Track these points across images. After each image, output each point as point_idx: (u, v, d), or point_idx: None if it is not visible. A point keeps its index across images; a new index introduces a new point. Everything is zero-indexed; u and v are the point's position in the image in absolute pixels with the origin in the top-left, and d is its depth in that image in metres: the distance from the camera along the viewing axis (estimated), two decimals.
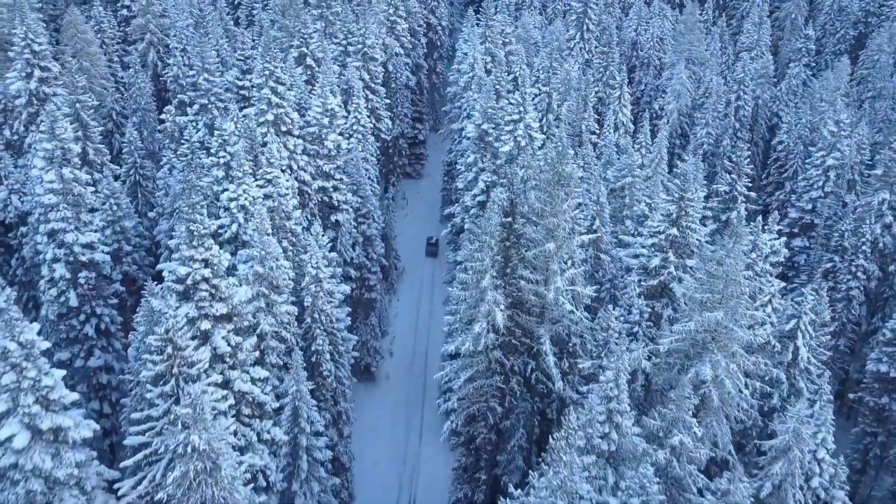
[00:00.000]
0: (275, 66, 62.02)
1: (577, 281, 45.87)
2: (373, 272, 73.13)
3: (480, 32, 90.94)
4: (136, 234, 63.34)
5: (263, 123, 62.34)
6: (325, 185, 66.44)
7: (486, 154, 66.34)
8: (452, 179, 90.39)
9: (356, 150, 72.81)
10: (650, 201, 55.75)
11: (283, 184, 53.49)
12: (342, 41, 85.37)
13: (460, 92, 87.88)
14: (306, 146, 65.53)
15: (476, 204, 65.24)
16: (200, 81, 67.87)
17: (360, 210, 71.10)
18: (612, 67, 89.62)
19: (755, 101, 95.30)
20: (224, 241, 50.80)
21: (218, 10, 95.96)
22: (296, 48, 77.83)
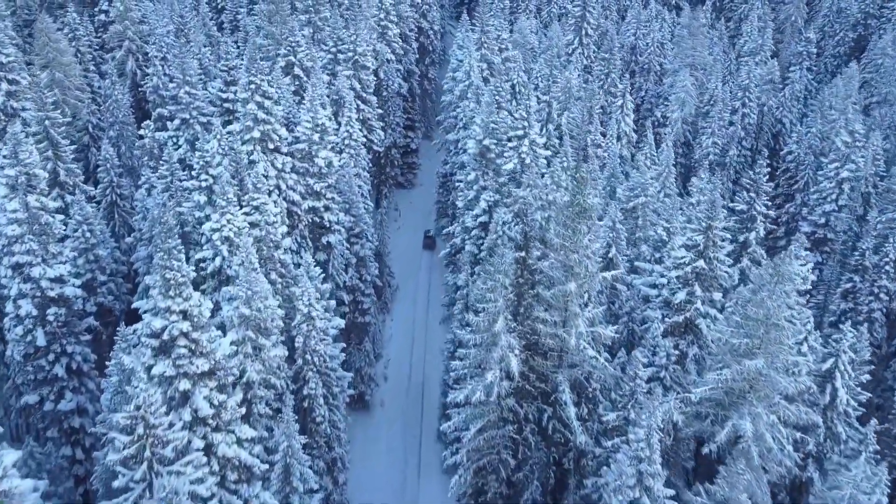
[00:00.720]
0: (261, 80, 56.74)
1: (598, 320, 40.92)
2: (366, 294, 68.05)
3: (476, 38, 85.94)
4: (112, 259, 58.08)
5: (249, 141, 57.12)
6: (316, 204, 61.29)
7: (488, 171, 61.33)
8: (448, 192, 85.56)
9: (348, 165, 67.66)
10: (668, 225, 50.85)
11: (271, 210, 48.30)
12: (332, 48, 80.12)
13: (455, 101, 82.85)
14: (295, 164, 60.36)
15: (478, 225, 60.28)
16: (181, 95, 62.51)
17: (352, 230, 65.97)
18: (614, 74, 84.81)
19: (760, 108, 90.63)
20: (207, 275, 45.60)
21: (200, 16, 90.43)
22: (283, 57, 72.51)
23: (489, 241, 57.91)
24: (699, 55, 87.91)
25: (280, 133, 58.34)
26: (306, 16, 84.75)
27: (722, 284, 44.36)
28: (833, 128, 79.50)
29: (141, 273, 55.83)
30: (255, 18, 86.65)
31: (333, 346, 50.36)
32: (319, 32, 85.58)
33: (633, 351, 41.00)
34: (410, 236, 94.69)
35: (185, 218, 51.16)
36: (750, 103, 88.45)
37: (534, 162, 58.93)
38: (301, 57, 72.64)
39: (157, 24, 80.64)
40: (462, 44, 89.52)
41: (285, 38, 72.93)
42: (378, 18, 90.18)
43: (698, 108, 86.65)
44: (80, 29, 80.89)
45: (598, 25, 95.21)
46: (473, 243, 60.56)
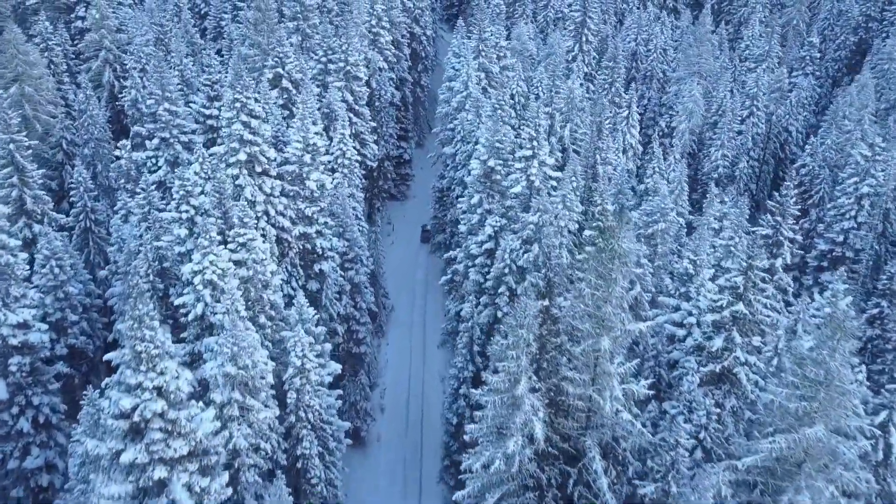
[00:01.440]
0: (247, 98, 51.23)
1: (628, 375, 35.78)
2: (362, 323, 62.72)
3: (473, 46, 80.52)
4: (85, 293, 52.50)
5: (235, 164, 51.67)
6: (308, 230, 55.95)
7: (493, 194, 56.12)
8: (445, 208, 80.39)
9: (341, 186, 62.27)
10: (695, 257, 45.73)
11: (260, 247, 42.85)
12: (322, 58, 74.55)
13: (453, 112, 77.50)
14: (285, 187, 54.97)
15: (483, 252, 54.99)
16: (160, 112, 56.90)
17: (346, 255, 60.60)
18: (618, 84, 79.66)
19: (768, 117, 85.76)
20: (187, 322, 40.15)
21: (183, 23, 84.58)
22: (270, 68, 66.92)
23: (496, 270, 52.86)
24: (705, 63, 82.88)
25: (268, 155, 52.95)
26: (294, 23, 79.20)
27: (764, 330, 39.30)
28: (849, 139, 74.75)
29: (116, 311, 50.34)
30: (239, 26, 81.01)
31: (329, 393, 45.06)
32: (308, 40, 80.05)
33: (670, 412, 35.89)
34: (404, 250, 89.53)
35: (163, 253, 45.67)
36: (758, 112, 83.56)
37: (543, 184, 53.69)
38: (290, 69, 67.10)
39: (136, 32, 74.84)
40: (458, 51, 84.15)
41: (272, 48, 67.37)
42: (369, 25, 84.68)
43: (705, 118, 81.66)
44: (52, 38, 74.87)
45: (599, 31, 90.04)
46: (478, 271, 55.31)
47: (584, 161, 63.80)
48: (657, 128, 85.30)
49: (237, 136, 51.40)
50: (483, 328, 54.36)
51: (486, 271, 55.22)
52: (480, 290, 55.45)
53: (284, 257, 55.39)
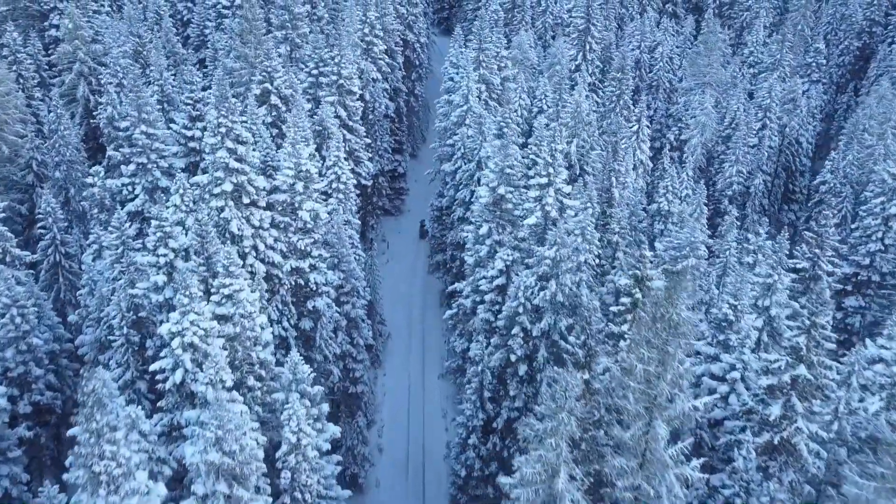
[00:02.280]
0: (232, 121, 45.23)
1: (679, 456, 30.11)
2: (359, 361, 57.08)
3: (473, 56, 74.63)
4: (53, 337, 46.48)
5: (220, 195, 45.68)
6: (300, 265, 50.08)
7: (504, 224, 50.42)
8: (444, 228, 74.62)
9: (336, 212, 56.40)
10: (735, 302, 40.12)
11: (248, 298, 36.92)
12: (313, 70, 68.55)
13: (452, 127, 71.70)
14: (275, 217, 49.06)
15: (494, 288, 49.27)
16: (137, 135, 50.81)
17: (342, 287, 54.85)
18: (626, 96, 74.04)
19: (781, 129, 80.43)
20: (165, 391, 34.23)
21: (163, 31, 78.24)
22: (258, 84, 60.90)
23: (508, 309, 47.19)
24: (715, 72, 77.38)
25: (257, 184, 47.05)
26: (282, 32, 73.12)
27: (828, 395, 33.79)
28: (871, 154, 69.53)
29: (88, 360, 44.31)
30: (224, 36, 74.76)
31: (327, 459, 39.24)
32: (297, 51, 74.01)
33: (722, 493, 30.27)
34: (400, 268, 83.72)
35: (138, 301, 39.71)
36: (771, 125, 78.19)
37: (560, 214, 48.03)
38: (279, 84, 61.07)
39: (113, 43, 68.56)
40: (456, 61, 78.30)
41: (260, 61, 61.32)
42: (362, 34, 78.66)
43: (717, 131, 76.19)
44: (22, 51, 68.47)
45: (602, 39, 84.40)
46: (488, 309, 49.62)
47: (598, 183, 58.12)
48: (665, 140, 79.85)
49: (222, 164, 45.44)
50: (494, 372, 48.77)
51: (496, 309, 49.60)
52: (490, 329, 49.82)
53: (275, 295, 49.55)
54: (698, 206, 58.83)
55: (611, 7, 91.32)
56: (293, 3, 72.96)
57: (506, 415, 48.68)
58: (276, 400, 36.73)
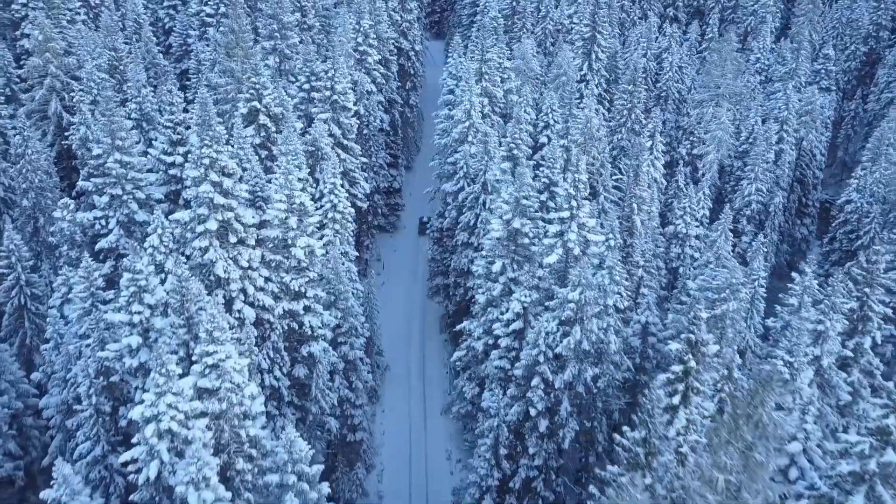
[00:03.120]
0: (217, 151, 39.55)
1: None
2: (357, 406, 51.60)
3: (475, 68, 69.01)
4: (15, 393, 40.72)
5: (204, 234, 39.99)
6: (294, 307, 44.52)
7: (520, 260, 44.99)
8: (446, 251, 69.14)
9: (333, 244, 50.85)
10: (791, 359, 34.84)
11: (235, 365, 31.26)
12: (304, 85, 62.88)
13: (453, 144, 66.09)
14: (266, 256, 43.43)
15: (510, 333, 43.83)
16: (110, 165, 45.01)
17: (339, 327, 49.29)
18: (638, 110, 68.70)
19: (798, 142, 75.36)
20: (138, 484, 28.57)
21: (143, 41, 72.30)
22: (245, 101, 55.15)
23: (527, 357, 41.99)
24: (730, 84, 72.11)
25: (245, 220, 41.43)
26: (271, 42, 67.30)
27: None
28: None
29: (54, 425, 38.58)
30: (207, 48, 68.86)
31: None
32: (287, 62, 68.27)
33: None
34: (397, 290, 78.37)
35: (109, 365, 34.01)
36: (788, 138, 73.06)
37: (583, 250, 42.62)
38: (268, 102, 55.32)
39: (87, 55, 62.53)
40: (456, 72, 72.74)
41: (247, 77, 55.51)
42: (355, 44, 72.92)
43: (732, 145, 70.95)
44: None
45: (609, 47, 79.00)
46: (504, 356, 44.21)
47: (617, 209, 52.73)
48: (676, 155, 74.58)
49: (206, 199, 39.80)
50: (511, 426, 43.39)
51: (513, 356, 44.22)
52: (506, 377, 44.44)
53: (265, 341, 43.94)
54: (723, 232, 53.52)
55: (612, 13, 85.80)
56: (282, 11, 67.19)
57: (524, 473, 43.40)
58: (269, 483, 31.11)
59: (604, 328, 41.22)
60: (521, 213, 44.21)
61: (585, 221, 42.76)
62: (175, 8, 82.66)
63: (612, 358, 41.73)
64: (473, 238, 60.50)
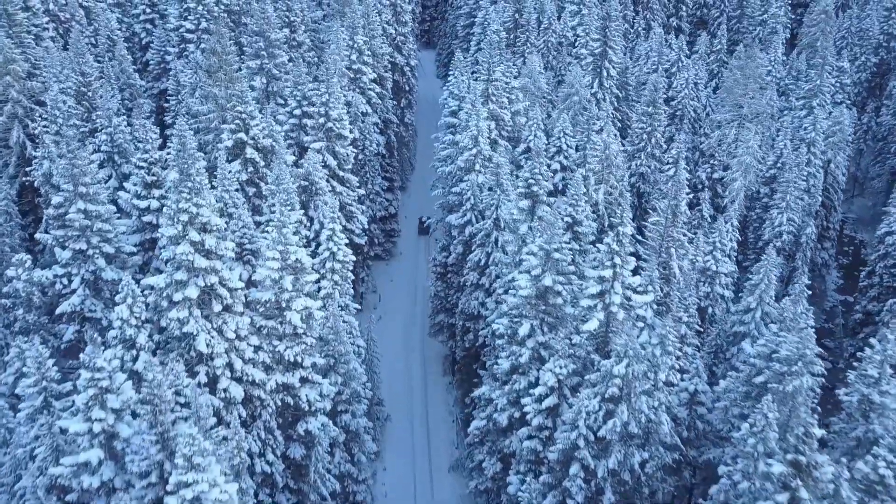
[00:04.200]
0: (198, 204, 32.67)
1: None
2: (360, 481, 44.79)
3: (482, 89, 62.27)
4: None
5: (183, 303, 33.08)
6: (289, 379, 37.64)
7: (553, 324, 38.33)
8: (450, 288, 62.32)
9: (332, 296, 44.02)
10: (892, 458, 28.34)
11: (222, 496, 24.31)
12: (295, 109, 55.97)
13: (459, 173, 59.32)
14: (256, 321, 36.61)
15: (543, 409, 37.10)
16: (72, 215, 37.92)
17: (340, 394, 42.45)
18: (659, 133, 62.26)
19: (825, 165, 69.18)
20: None
21: (117, 60, 65.08)
22: (230, 133, 48.10)
23: (564, 440, 35.35)
24: (754, 103, 65.71)
25: (231, 283, 34.53)
26: (257, 61, 60.30)
27: None
28: None
29: None
30: (189, 68, 61.72)
31: None
32: (275, 83, 61.29)
33: None
34: (395, 326, 71.69)
35: (65, 483, 27.01)
36: (815, 161, 66.84)
37: (628, 316, 36.01)
38: (256, 133, 48.32)
39: (52, 78, 55.30)
40: (458, 92, 66.08)
41: (232, 105, 48.47)
42: (349, 61, 65.97)
43: (759, 171, 64.60)
44: None
45: (621, 63, 72.45)
46: (534, 435, 37.53)
47: (653, 253, 46.10)
48: (695, 179, 68.15)
49: (185, 262, 32.85)
50: None
51: (545, 435, 37.53)
52: (537, 459, 37.77)
53: (256, 420, 37.11)
54: (765, 276, 47.09)
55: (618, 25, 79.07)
56: (269, 28, 60.20)
57: None
58: None
59: (654, 406, 34.66)
60: (553, 269, 37.51)
61: (629, 280, 36.13)
62: (152, 22, 75.36)
63: (662, 439, 35.15)
64: (484, 279, 53.86)
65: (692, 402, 39.43)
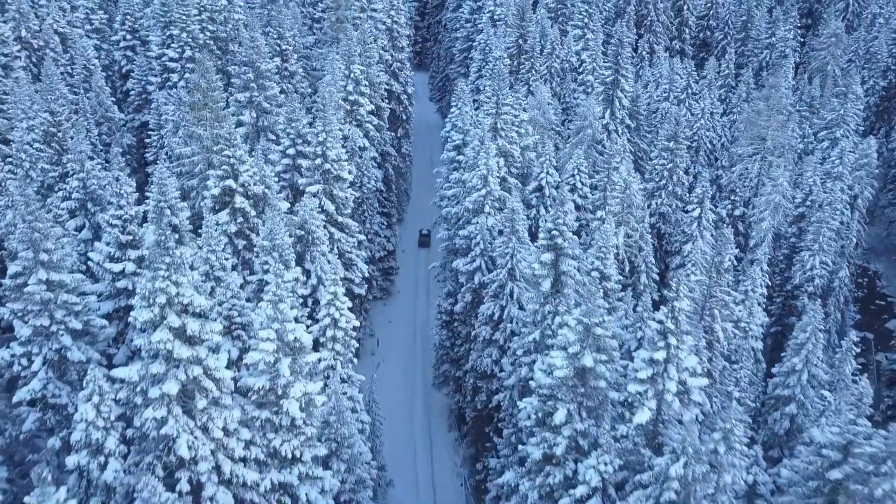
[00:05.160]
0: (177, 282, 26.73)
1: None
2: None
3: (490, 123, 56.66)
4: None
5: (160, 400, 27.09)
6: (286, 477, 31.58)
7: (595, 410, 32.52)
8: (455, 337, 56.49)
9: (334, 371, 38.09)
10: None
11: None
12: (288, 149, 50.09)
13: (467, 215, 53.63)
14: (248, 412, 30.61)
15: None
16: (33, 287, 31.81)
17: (344, 483, 36.48)
18: (681, 170, 56.83)
19: (852, 201, 63.97)
20: None
21: (94, 92, 59.14)
22: (217, 180, 42.13)
23: None
24: (779, 135, 60.39)
25: (218, 374, 28.50)
26: (246, 94, 54.51)
27: None
28: None
29: None
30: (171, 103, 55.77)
31: None
32: (265, 117, 55.47)
33: None
34: (395, 373, 65.88)
35: None
36: (842, 196, 61.57)
37: (685, 405, 30.26)
38: (246, 179, 42.35)
39: (19, 116, 49.18)
40: (461, 124, 60.52)
41: (219, 149, 42.51)
42: (346, 93, 60.19)
43: (787, 208, 59.21)
44: None
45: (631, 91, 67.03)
46: None
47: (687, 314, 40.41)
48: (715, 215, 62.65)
49: (162, 352, 26.88)
50: None
51: None
52: None
53: None
54: (812, 334, 41.66)
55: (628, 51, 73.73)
56: (258, 58, 54.44)
57: None
58: None
59: None
60: (592, 346, 31.72)
61: (688, 364, 30.40)
62: (133, 49, 69.42)
63: None
64: (498, 334, 48.09)
65: (751, 495, 33.75)
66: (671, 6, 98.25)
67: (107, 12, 75.63)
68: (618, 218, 53.05)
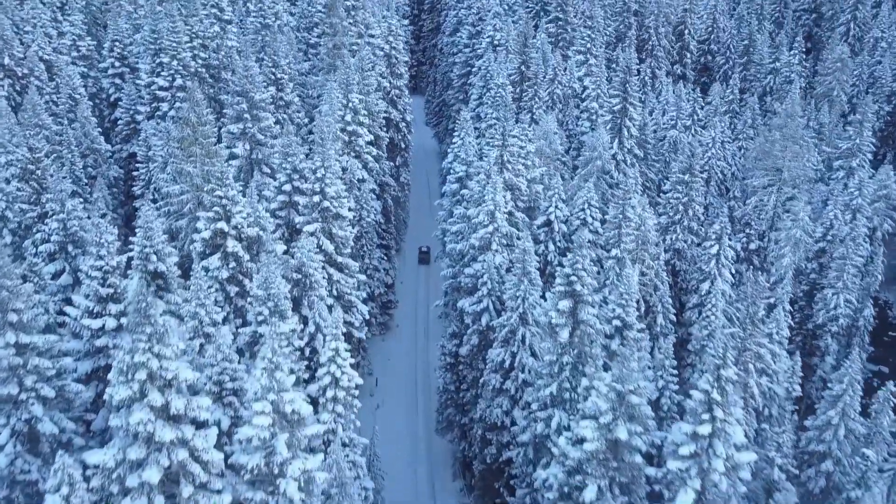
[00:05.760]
0: (160, 354, 22.97)
1: None
2: None
3: (496, 156, 53.17)
4: None
5: (140, 489, 23.23)
6: None
7: (627, 484, 28.78)
8: (461, 381, 52.66)
9: (335, 431, 34.30)
10: None
11: None
12: (284, 185, 46.44)
13: (473, 252, 50.02)
14: (239, 493, 26.71)
15: None
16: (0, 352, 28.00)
17: None
18: (697, 204, 53.43)
19: (871, 233, 60.68)
20: None
21: (80, 122, 55.47)
22: (207, 222, 38.37)
23: None
24: (796, 166, 57.14)
25: (206, 457, 24.67)
26: (239, 125, 50.91)
27: None
28: None
29: None
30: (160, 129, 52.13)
31: None
32: (260, 149, 51.88)
33: None
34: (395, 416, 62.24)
35: None
36: (860, 228, 58.27)
37: (732, 478, 26.56)
38: (239, 222, 38.62)
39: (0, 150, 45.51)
40: (464, 155, 57.06)
41: (210, 188, 38.75)
42: (343, 123, 56.68)
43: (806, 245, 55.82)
44: None
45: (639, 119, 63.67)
46: None
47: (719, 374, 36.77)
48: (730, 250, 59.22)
49: (142, 434, 23.07)
50: None
51: None
52: None
53: None
54: (849, 386, 38.19)
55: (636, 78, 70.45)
56: (252, 87, 50.91)
57: None
58: None
59: None
60: (625, 415, 28.03)
61: (736, 438, 26.73)
62: (122, 76, 65.79)
63: None
64: (509, 383, 44.37)
65: None
66: (672, 30, 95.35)
67: (95, 38, 72.07)
68: (632, 255, 49.56)
